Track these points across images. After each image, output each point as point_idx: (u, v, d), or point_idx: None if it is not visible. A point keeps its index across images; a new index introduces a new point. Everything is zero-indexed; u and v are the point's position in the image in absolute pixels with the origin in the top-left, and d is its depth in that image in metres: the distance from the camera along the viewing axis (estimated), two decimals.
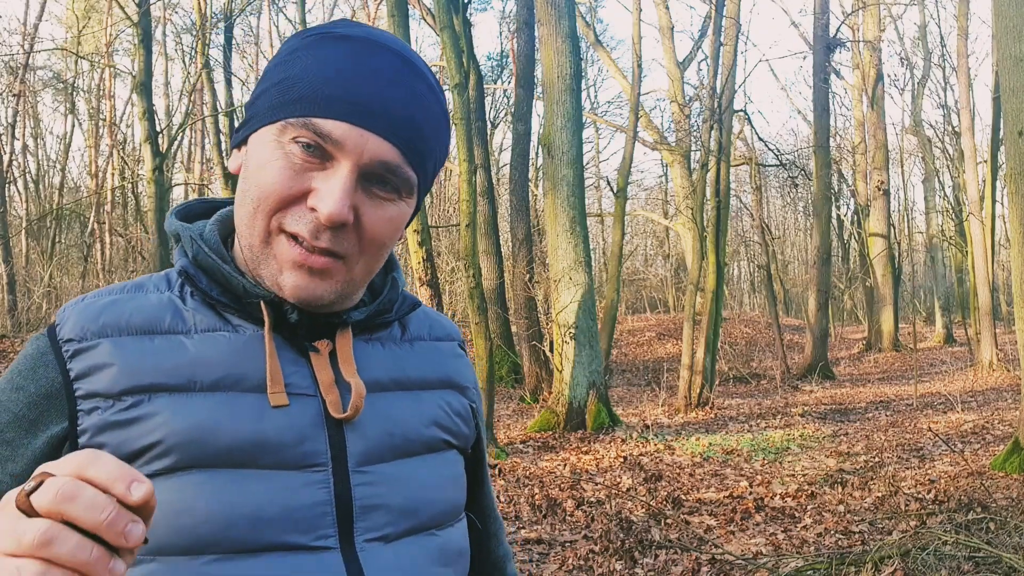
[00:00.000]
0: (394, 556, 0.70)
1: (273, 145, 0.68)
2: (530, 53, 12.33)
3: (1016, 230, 5.68)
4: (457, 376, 0.82)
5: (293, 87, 0.68)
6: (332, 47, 0.69)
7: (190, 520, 0.64)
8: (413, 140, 0.70)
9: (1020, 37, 5.50)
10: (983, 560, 3.57)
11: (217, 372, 0.69)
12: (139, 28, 14.26)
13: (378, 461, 0.72)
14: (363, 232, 0.70)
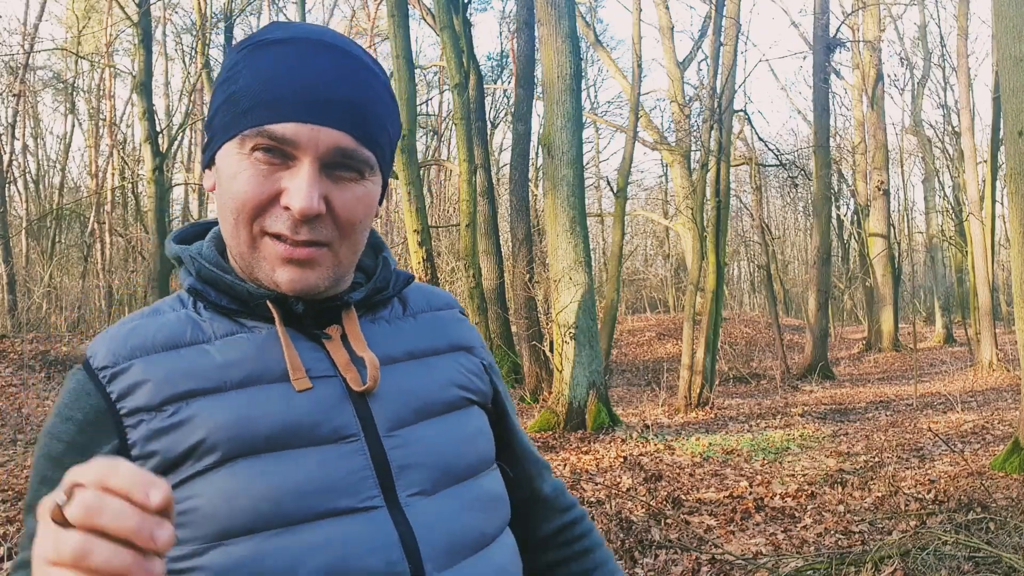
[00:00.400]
0: (437, 507, 0.77)
1: (237, 158, 0.73)
2: (530, 53, 12.32)
3: (1016, 230, 5.68)
4: (463, 339, 0.89)
5: (241, 100, 0.73)
6: (268, 54, 0.74)
7: (245, 503, 0.70)
8: (362, 123, 0.74)
9: (1020, 37, 5.50)
10: (983, 560, 3.57)
11: (243, 370, 0.75)
12: (139, 28, 14.26)
13: (405, 425, 0.78)
14: (337, 216, 0.75)
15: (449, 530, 0.77)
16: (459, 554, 0.77)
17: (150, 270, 15.81)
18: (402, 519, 0.75)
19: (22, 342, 11.78)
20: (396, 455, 0.76)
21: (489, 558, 0.79)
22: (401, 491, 0.76)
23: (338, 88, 0.73)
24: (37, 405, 8.61)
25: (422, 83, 23.89)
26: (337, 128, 0.73)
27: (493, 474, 0.85)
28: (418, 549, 0.74)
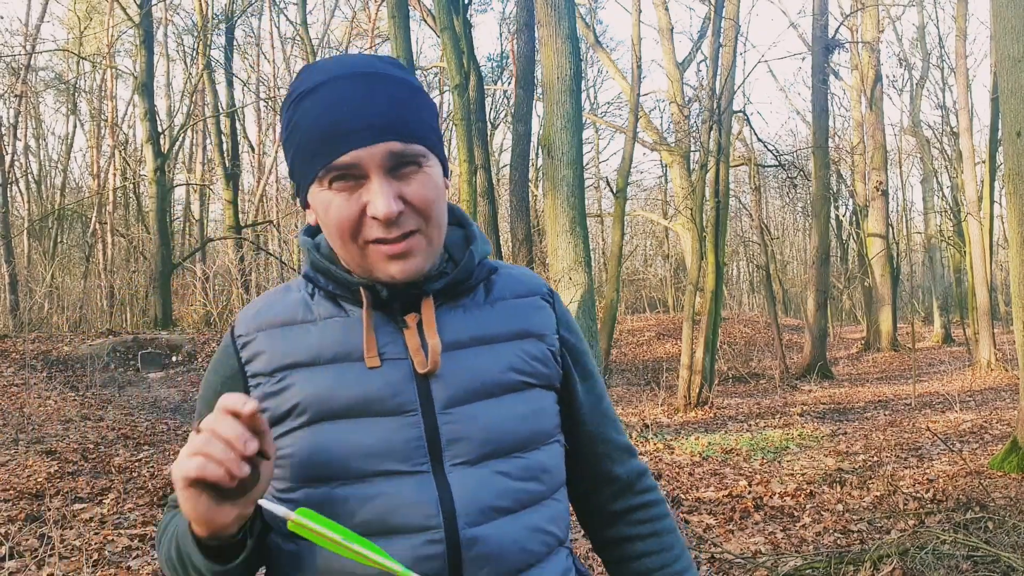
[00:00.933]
0: (476, 475, 0.91)
1: (323, 194, 0.89)
2: (530, 54, 12.34)
3: (1014, 230, 5.70)
4: (534, 326, 0.99)
5: (304, 147, 0.89)
6: (309, 102, 0.89)
7: (323, 457, 0.90)
8: (401, 127, 0.88)
9: (1018, 38, 5.52)
10: (981, 559, 3.59)
11: (334, 349, 0.93)
12: (141, 29, 14.28)
13: (460, 403, 0.92)
14: (415, 205, 0.89)
15: (485, 494, 0.91)
16: (493, 514, 0.91)
17: (151, 270, 15.82)
18: (444, 483, 0.90)
19: (24, 342, 11.80)
20: (447, 429, 0.91)
21: (524, 519, 0.93)
22: (447, 460, 0.91)
23: (371, 109, 0.87)
24: (39, 405, 8.63)
25: (423, 84, 23.88)
26: (384, 141, 0.86)
27: (548, 449, 0.98)
28: (454, 508, 0.89)
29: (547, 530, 0.95)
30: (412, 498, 0.89)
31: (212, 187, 23.24)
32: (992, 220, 14.39)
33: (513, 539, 0.92)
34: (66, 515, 4.69)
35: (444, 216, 0.93)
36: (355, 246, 0.89)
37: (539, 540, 0.94)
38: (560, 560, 0.98)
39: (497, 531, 0.91)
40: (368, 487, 0.89)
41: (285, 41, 24.24)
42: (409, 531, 0.89)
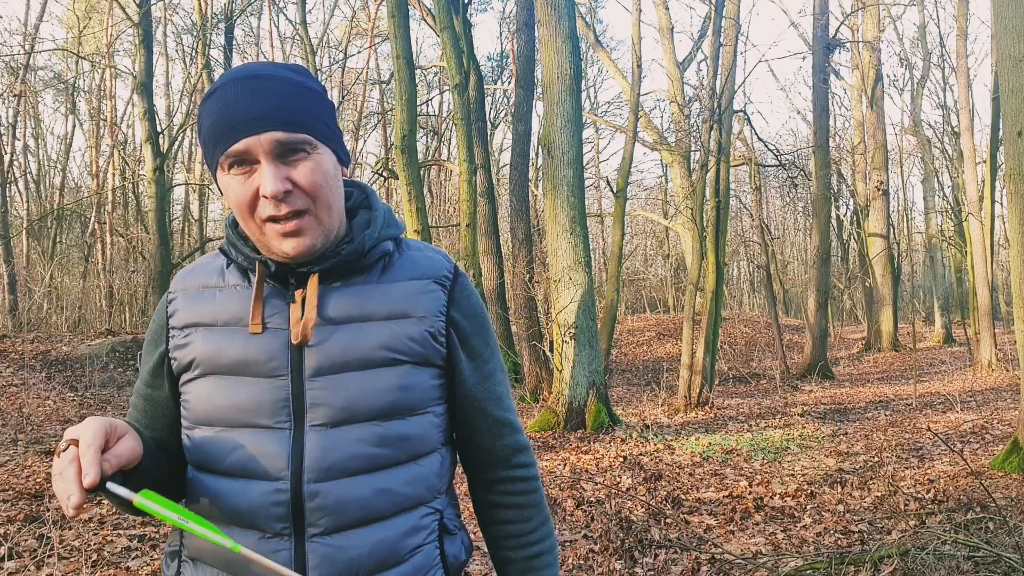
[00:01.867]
0: (331, 437, 1.04)
1: (225, 178, 1.03)
2: (530, 54, 12.32)
3: (1015, 230, 5.69)
4: (415, 308, 1.09)
5: (208, 139, 1.03)
6: (211, 100, 1.03)
7: (210, 405, 1.08)
8: (284, 116, 1.00)
9: (1019, 37, 5.51)
10: (982, 560, 3.58)
11: (230, 314, 1.09)
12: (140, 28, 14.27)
13: (327, 373, 1.05)
14: (303, 186, 1.02)
15: (335, 455, 1.03)
16: (339, 473, 1.03)
17: (151, 270, 15.80)
18: (300, 441, 1.04)
19: (23, 342, 11.79)
20: (311, 395, 1.04)
21: (372, 480, 1.05)
22: (308, 422, 1.04)
23: (257, 104, 1.00)
24: (38, 405, 8.61)
25: (422, 83, 23.89)
26: (269, 130, 0.99)
27: (415, 420, 1.09)
28: (303, 464, 1.03)
29: (398, 492, 1.07)
30: (270, 450, 1.04)
31: (211, 187, 23.21)
32: (993, 220, 14.36)
33: (355, 497, 1.04)
34: (65, 515, 4.68)
35: (336, 199, 1.06)
36: (254, 224, 1.02)
37: (384, 499, 1.05)
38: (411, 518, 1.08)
39: (339, 488, 1.03)
40: (239, 435, 1.05)
41: (284, 41, 24.22)
42: (263, 478, 1.03)
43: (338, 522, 1.03)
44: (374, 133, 26.43)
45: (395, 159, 11.05)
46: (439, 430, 1.13)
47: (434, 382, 1.11)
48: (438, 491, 1.13)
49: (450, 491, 1.19)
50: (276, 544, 1.03)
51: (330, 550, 1.03)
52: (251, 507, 1.04)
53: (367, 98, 24.16)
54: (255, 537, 1.04)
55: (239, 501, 1.05)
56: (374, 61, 24.24)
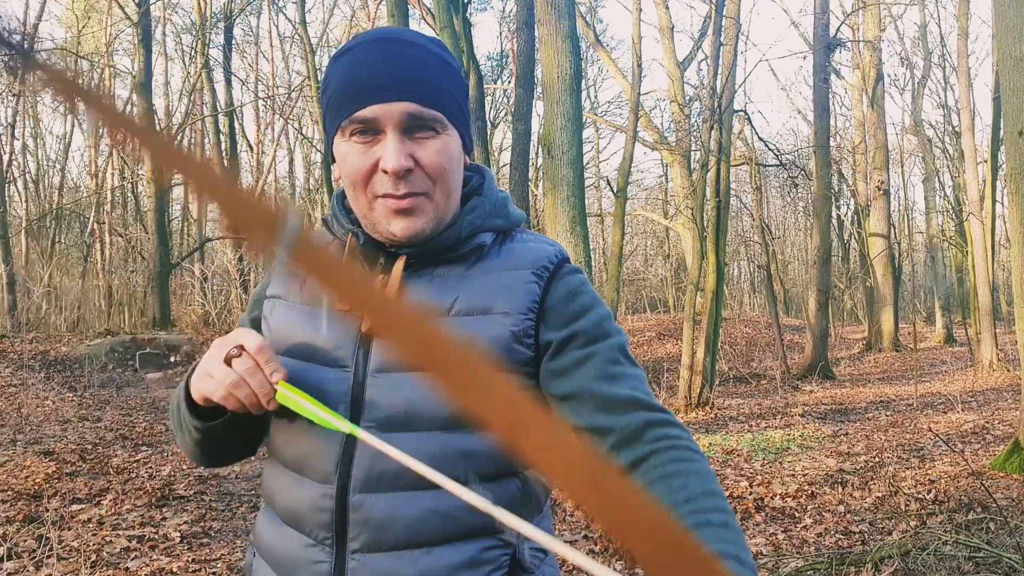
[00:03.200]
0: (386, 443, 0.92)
1: (343, 145, 0.96)
2: (530, 53, 12.31)
3: (1016, 230, 5.68)
4: (501, 303, 0.97)
5: (333, 101, 0.95)
6: (344, 60, 0.96)
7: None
8: (421, 90, 0.93)
9: (1020, 37, 5.49)
10: (983, 560, 3.56)
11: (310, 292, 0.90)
12: (139, 28, 14.27)
13: (392, 370, 0.95)
14: (425, 168, 0.94)
15: (387, 464, 0.91)
16: (384, 486, 0.93)
17: (150, 270, 15.80)
18: (352, 443, 0.95)
19: (22, 342, 11.78)
20: (371, 392, 0.95)
21: (423, 499, 0.93)
22: (363, 422, 0.95)
23: (395, 70, 0.92)
24: (37, 405, 8.60)
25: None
26: (402, 100, 0.92)
27: (483, 435, 0.89)
28: (351, 470, 0.94)
29: (454, 516, 0.93)
30: (323, 449, 0.96)
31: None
32: (994, 220, 14.36)
33: (402, 515, 0.93)
34: (64, 516, 4.67)
35: (456, 185, 0.98)
36: (364, 198, 0.95)
37: (436, 523, 0.93)
38: (469, 549, 0.93)
39: (385, 503, 0.93)
40: (299, 428, 0.97)
41: (284, 40, 24.21)
42: (314, 479, 0.96)
43: (381, 540, 0.93)
44: None
45: None
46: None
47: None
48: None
49: (541, 523, 1.04)
50: (317, 553, 0.95)
51: (367, 570, 0.93)
52: (299, 508, 0.97)
53: None
54: (301, 543, 0.97)
55: (290, 499, 0.99)
56: None
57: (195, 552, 4.16)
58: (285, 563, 0.99)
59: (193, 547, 4.26)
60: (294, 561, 0.97)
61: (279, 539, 1.00)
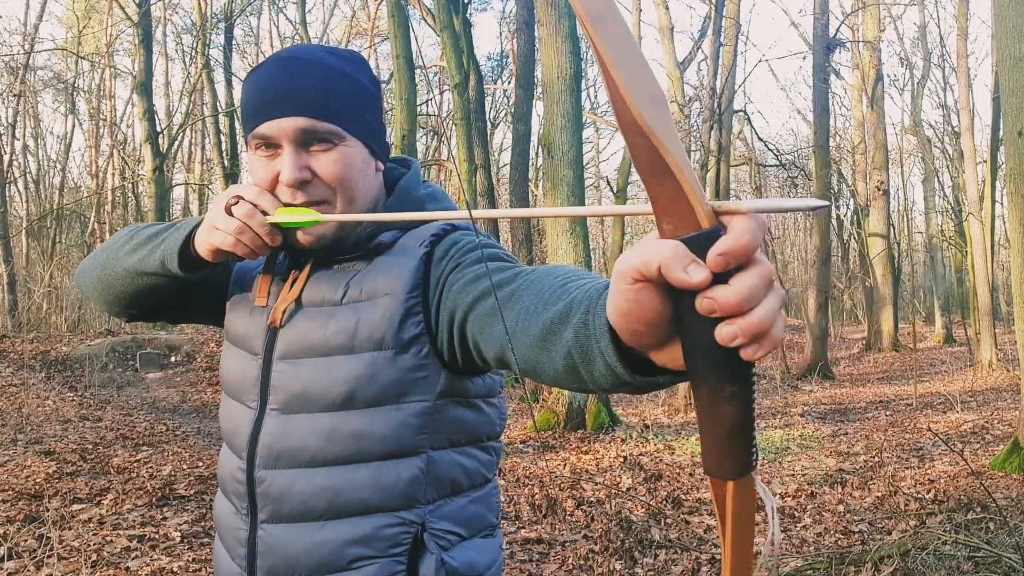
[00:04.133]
0: (284, 424, 1.02)
1: (251, 157, 1.03)
2: (530, 53, 12.32)
3: (1015, 230, 5.68)
4: (385, 286, 0.99)
5: (242, 118, 1.03)
6: (250, 78, 1.03)
7: (222, 370, 1.15)
8: (315, 104, 0.98)
9: (1020, 37, 5.50)
10: (983, 560, 3.57)
11: (249, 287, 1.14)
12: (139, 28, 14.27)
13: (292, 357, 1.03)
14: (323, 178, 1.00)
15: (285, 443, 1.01)
16: (286, 462, 1.01)
17: None
18: (259, 423, 1.04)
19: (22, 342, 11.79)
20: (274, 378, 1.04)
21: (317, 476, 0.99)
22: (269, 405, 1.04)
23: (288, 88, 0.98)
24: (37, 405, 8.61)
25: (422, 83, 23.88)
26: (295, 115, 0.97)
27: (374, 415, 0.98)
28: (256, 448, 1.03)
29: (346, 494, 0.98)
30: (241, 428, 1.06)
31: (211, 187, 23.20)
32: (993, 220, 14.36)
33: (298, 490, 1.00)
34: (65, 516, 4.68)
35: (361, 192, 1.03)
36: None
37: (327, 499, 0.99)
38: (362, 525, 0.98)
39: (283, 478, 1.01)
40: (230, 404, 1.11)
41: (284, 40, 24.21)
42: (236, 452, 1.07)
43: (280, 512, 1.01)
44: None
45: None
46: (417, 432, 0.98)
47: (411, 374, 0.97)
48: (416, 501, 0.99)
49: (465, 506, 1.04)
50: (239, 521, 1.06)
51: (272, 540, 1.02)
52: (227, 480, 1.09)
53: None
54: (230, 510, 1.08)
55: (224, 471, 1.11)
56: (374, 61, 24.22)
57: (195, 552, 4.16)
58: (223, 529, 1.10)
59: (193, 547, 4.26)
60: (227, 527, 1.09)
61: (220, 505, 1.13)
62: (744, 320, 0.50)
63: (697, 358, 0.54)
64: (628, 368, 0.62)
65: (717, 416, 0.56)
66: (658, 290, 0.52)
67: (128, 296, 1.15)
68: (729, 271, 0.49)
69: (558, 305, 0.72)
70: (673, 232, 0.50)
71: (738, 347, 0.51)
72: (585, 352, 0.66)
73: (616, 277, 0.53)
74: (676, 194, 0.49)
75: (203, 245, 1.01)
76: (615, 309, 0.55)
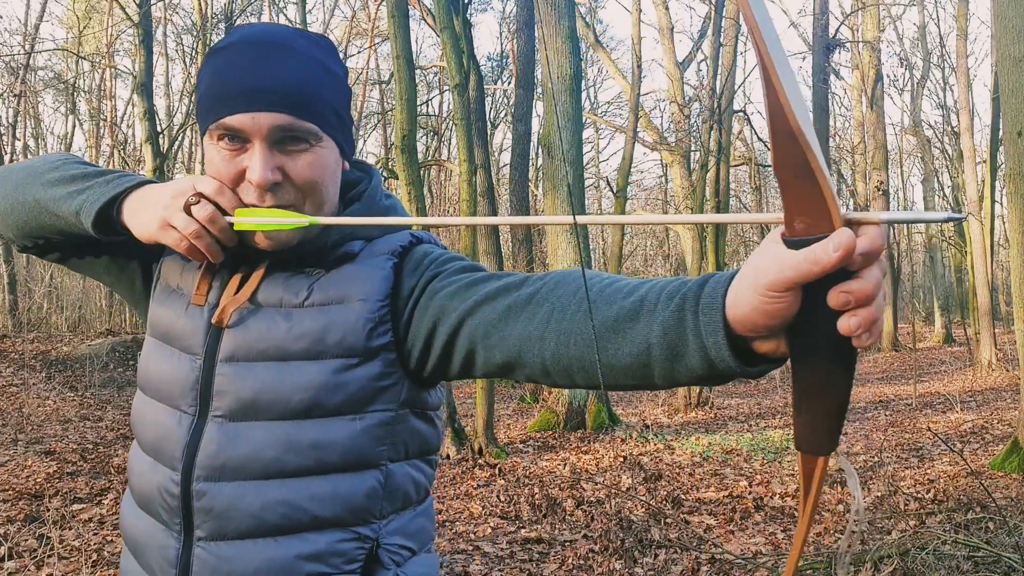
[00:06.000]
0: (230, 432, 0.93)
1: (211, 148, 0.92)
2: (530, 54, 12.33)
3: (1015, 230, 5.69)
4: (355, 291, 0.94)
5: (203, 101, 0.91)
6: (217, 59, 0.91)
7: (143, 368, 1.03)
8: (295, 101, 0.89)
9: (1019, 38, 5.51)
10: (982, 560, 3.58)
11: (187, 280, 1.01)
12: (140, 28, 14.28)
13: (242, 360, 0.94)
14: (295, 181, 0.91)
15: (231, 453, 0.92)
16: (232, 474, 0.92)
17: None
18: (199, 430, 0.94)
19: (23, 342, 11.79)
20: (219, 381, 0.94)
21: (269, 489, 0.92)
22: (211, 411, 0.94)
23: (267, 78, 0.88)
24: (38, 405, 8.61)
25: (422, 83, 23.90)
26: (273, 111, 0.88)
27: (334, 424, 0.92)
28: (195, 458, 0.93)
29: (301, 507, 0.91)
30: (174, 435, 0.95)
31: None
32: (993, 220, 14.37)
33: (246, 504, 0.91)
34: (65, 515, 4.68)
35: (329, 195, 0.95)
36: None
37: (280, 513, 0.91)
38: (317, 541, 0.92)
39: (229, 491, 0.92)
40: (157, 408, 0.99)
41: None
42: (165, 464, 0.96)
43: (224, 529, 0.92)
44: (374, 133, 26.43)
45: (395, 159, 11.05)
46: (379, 443, 0.94)
47: (377, 383, 0.93)
48: (371, 516, 0.95)
49: (413, 520, 1.00)
50: (166, 538, 0.95)
51: (213, 559, 0.92)
52: (151, 492, 0.97)
53: (367, 98, 24.16)
54: (153, 526, 0.97)
55: (144, 483, 0.99)
56: (374, 61, 24.24)
57: None
58: (140, 545, 0.99)
59: None
60: (147, 544, 0.98)
61: (136, 521, 1.01)
62: (865, 311, 0.57)
63: (814, 346, 0.61)
64: (739, 360, 0.66)
65: (825, 397, 0.62)
66: (798, 292, 0.59)
67: (28, 228, 1.04)
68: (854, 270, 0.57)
69: (621, 303, 0.75)
70: (805, 230, 0.57)
71: (855, 336, 0.58)
72: (674, 347, 0.70)
73: (761, 286, 0.60)
74: (816, 197, 0.55)
75: (144, 233, 0.93)
76: (754, 308, 0.61)
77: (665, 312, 0.70)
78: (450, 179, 26.28)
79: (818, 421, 0.63)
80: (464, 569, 4.00)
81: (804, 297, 0.59)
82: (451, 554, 4.27)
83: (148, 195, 0.94)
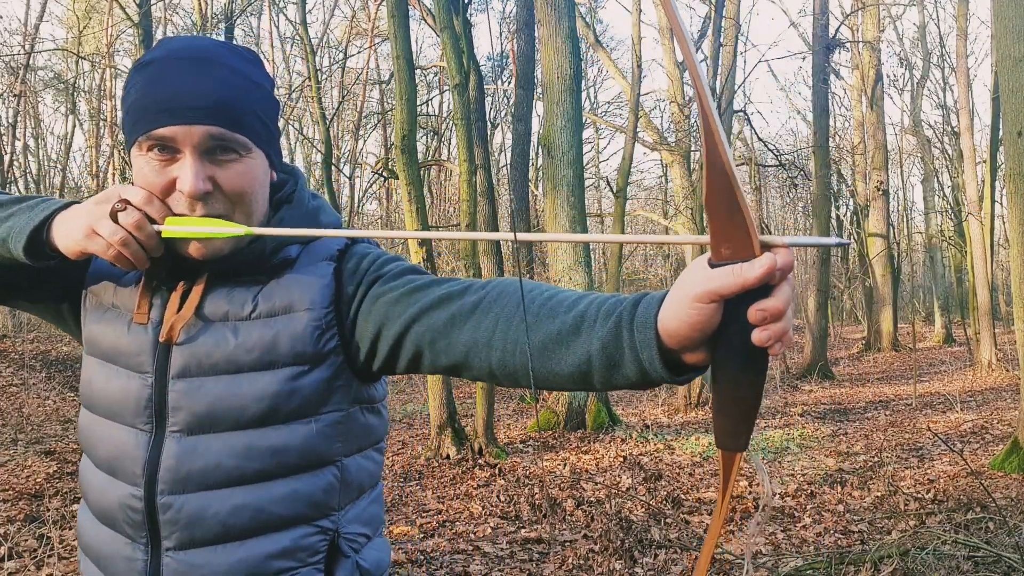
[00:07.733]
0: (189, 445, 0.95)
1: (140, 159, 0.94)
2: (530, 54, 12.33)
3: (1015, 230, 5.69)
4: (301, 300, 0.97)
5: (131, 113, 0.94)
6: (145, 73, 0.93)
7: (88, 389, 1.04)
8: (225, 113, 0.91)
9: (1019, 38, 5.51)
10: (982, 560, 3.58)
11: (123, 298, 1.02)
12: (140, 29, 14.27)
13: (195, 375, 0.96)
14: (226, 191, 0.93)
15: (192, 465, 0.95)
16: (196, 485, 0.95)
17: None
18: (158, 447, 0.96)
19: (23, 342, 11.79)
20: (173, 397, 0.96)
21: (233, 496, 0.95)
22: (169, 426, 0.96)
23: (198, 91, 0.90)
24: (38, 405, 8.61)
25: (422, 83, 23.90)
26: (204, 123, 0.90)
27: (293, 428, 0.96)
28: (157, 473, 0.95)
29: (265, 509, 0.96)
30: (131, 452, 0.97)
31: None
32: (993, 220, 14.37)
33: (213, 512, 0.95)
34: (65, 515, 4.68)
35: (258, 204, 0.97)
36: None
37: (247, 517, 0.95)
38: (283, 539, 0.97)
39: (195, 502, 0.95)
40: (110, 428, 1.00)
41: (284, 41, 24.25)
42: (124, 480, 0.98)
43: (193, 537, 0.95)
44: (374, 133, 26.43)
45: (395, 159, 11.07)
46: (333, 441, 0.99)
47: (329, 386, 0.98)
48: (330, 509, 1.00)
49: (367, 507, 1.06)
50: (133, 551, 0.98)
51: (183, 567, 0.96)
52: (112, 508, 0.99)
53: (367, 98, 24.17)
54: (118, 540, 0.99)
55: (102, 499, 1.01)
56: (374, 61, 24.24)
57: None
58: (105, 559, 1.01)
59: None
60: (112, 557, 1.00)
61: (97, 535, 1.02)
62: (776, 325, 0.65)
63: (732, 356, 0.68)
64: (668, 370, 0.74)
65: (740, 400, 0.70)
66: (721, 305, 0.66)
67: None
68: (770, 287, 0.65)
69: (563, 318, 0.82)
70: (730, 255, 0.65)
71: (768, 346, 0.65)
72: (611, 359, 0.77)
73: (689, 298, 0.67)
74: (740, 227, 0.64)
75: (71, 244, 0.93)
76: (682, 320, 0.69)
77: (604, 328, 0.77)
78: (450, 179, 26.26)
79: (736, 422, 0.71)
80: (464, 569, 4.00)
81: (724, 312, 0.67)
82: (451, 554, 4.28)
83: (75, 210, 0.95)
